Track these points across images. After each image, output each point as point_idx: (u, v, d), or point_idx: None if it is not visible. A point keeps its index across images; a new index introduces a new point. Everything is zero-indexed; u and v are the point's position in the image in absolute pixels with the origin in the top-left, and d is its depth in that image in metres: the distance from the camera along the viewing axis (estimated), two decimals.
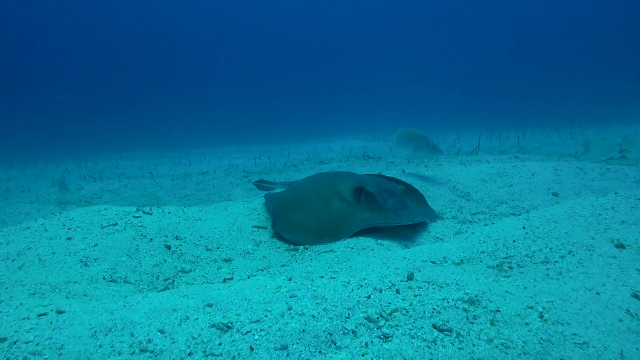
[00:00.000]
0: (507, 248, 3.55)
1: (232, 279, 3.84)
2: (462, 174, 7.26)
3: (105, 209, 4.81)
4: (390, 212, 4.75)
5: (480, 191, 6.55)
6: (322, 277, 3.64)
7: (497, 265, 3.24)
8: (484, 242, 3.76)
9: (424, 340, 2.14)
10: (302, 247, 4.58)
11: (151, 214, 4.79)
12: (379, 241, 4.53)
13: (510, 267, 3.17)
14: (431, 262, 3.38)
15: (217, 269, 4.04)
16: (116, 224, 4.43)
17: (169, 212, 4.92)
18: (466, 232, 4.75)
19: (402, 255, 3.72)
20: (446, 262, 3.41)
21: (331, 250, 4.30)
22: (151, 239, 4.25)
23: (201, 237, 4.53)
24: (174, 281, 3.75)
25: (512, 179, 6.85)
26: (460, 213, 5.80)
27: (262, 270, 4.04)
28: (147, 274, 3.78)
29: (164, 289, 3.55)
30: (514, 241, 3.64)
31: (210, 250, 4.34)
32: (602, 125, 18.62)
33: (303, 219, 4.94)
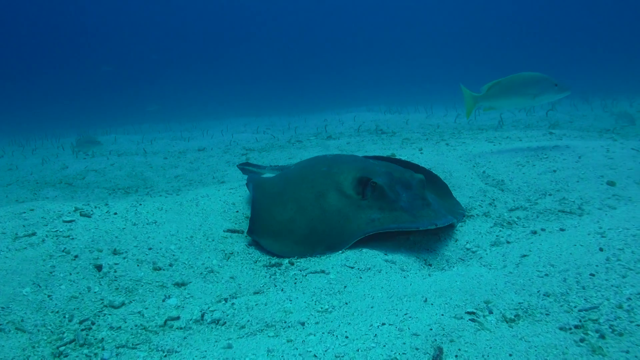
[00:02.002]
0: (583, 288, 2.26)
1: (178, 318, 2.64)
2: (492, 155, 5.90)
3: (32, 210, 3.61)
4: (404, 212, 3.48)
5: (517, 178, 5.21)
6: (304, 324, 2.41)
7: (576, 327, 1.96)
8: (546, 274, 2.46)
9: None
10: (287, 260, 3.35)
11: (89, 217, 3.58)
12: (389, 256, 3.26)
13: (602, 336, 1.88)
14: (468, 315, 2.11)
15: (163, 300, 2.83)
16: (34, 233, 3.22)
17: (115, 213, 3.70)
18: (507, 242, 3.46)
19: (423, 293, 2.45)
20: (491, 313, 2.13)
21: (323, 271, 3.06)
22: (76, 256, 3.05)
23: (150, 249, 3.31)
24: (93, 324, 2.55)
25: (555, 162, 5.48)
26: (493, 208, 4.50)
27: (226, 300, 2.83)
28: (57, 313, 2.59)
29: (71, 342, 2.36)
30: (592, 275, 2.34)
31: (159, 269, 3.12)
32: (632, 96, 16.90)
33: (290, 219, 3.69)
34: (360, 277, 2.94)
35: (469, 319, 2.02)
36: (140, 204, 3.97)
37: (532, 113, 13.36)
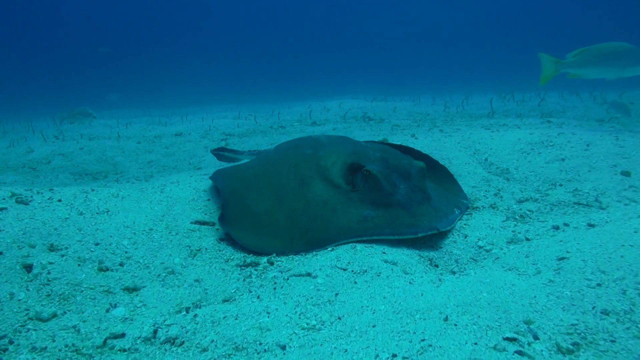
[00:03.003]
0: None
1: (123, 336, 2.02)
2: (492, 142, 5.35)
3: None
4: (402, 209, 2.91)
5: (523, 167, 4.67)
6: (285, 347, 1.83)
7: None
8: (598, 284, 1.90)
9: None
10: (265, 259, 2.75)
11: (27, 204, 2.92)
12: (389, 255, 2.68)
13: None
14: (509, 343, 1.54)
15: (107, 311, 2.21)
16: None
17: (59, 200, 3.04)
18: (526, 239, 2.90)
19: (441, 307, 1.87)
20: (537, 339, 1.56)
21: (309, 274, 2.47)
22: (0, 254, 2.40)
23: (97, 244, 2.67)
24: (11, 342, 1.92)
25: (563, 150, 4.96)
26: (500, 200, 3.95)
27: (187, 311, 2.23)
28: None
29: None
30: None
31: (107, 270, 2.49)
32: (617, 89, 16.59)
33: (267, 209, 3.08)
34: (355, 282, 2.35)
35: (515, 351, 1.44)
36: (93, 190, 3.32)
37: (522, 103, 12.91)
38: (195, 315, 2.17)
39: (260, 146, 7.91)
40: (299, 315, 2.09)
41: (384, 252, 2.70)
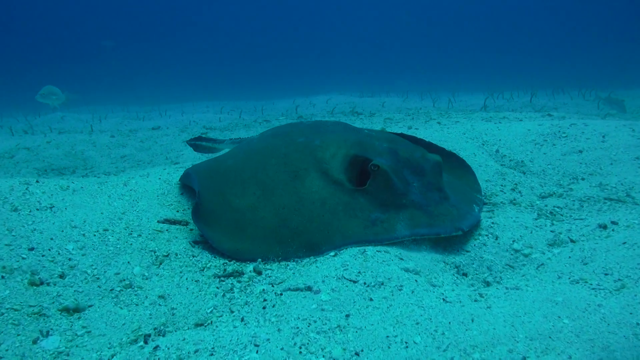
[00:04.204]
0: None
1: None
2: (500, 133, 4.82)
3: None
4: (417, 210, 2.35)
5: (539, 159, 4.15)
6: None
7: None
8: None
9: None
10: (251, 267, 2.15)
11: None
12: (408, 262, 2.10)
13: None
14: None
15: (34, 342, 1.59)
16: None
17: None
18: (571, 241, 2.35)
19: (506, 340, 1.30)
20: None
21: (308, 288, 1.87)
22: None
23: (32, 249, 2.03)
24: None
25: (578, 142, 4.45)
26: (519, 195, 3.42)
27: (146, 341, 1.62)
28: None
29: None
30: None
31: (41, 283, 1.86)
32: (605, 88, 16.36)
33: (251, 205, 2.48)
34: (371, 299, 1.76)
35: None
36: (38, 181, 2.66)
37: (512, 100, 12.51)
38: (156, 348, 1.56)
39: None
40: (300, 348, 1.49)
41: (401, 258, 2.12)
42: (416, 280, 1.89)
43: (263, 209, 2.46)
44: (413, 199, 2.40)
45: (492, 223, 2.63)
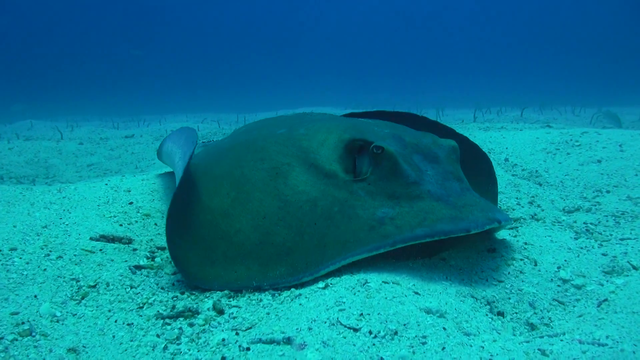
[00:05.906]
0: None
1: None
2: (506, 141, 4.30)
3: None
4: (435, 201, 1.77)
5: (554, 169, 3.62)
6: None
7: None
8: None
9: None
10: (209, 304, 1.54)
11: None
12: (426, 297, 1.51)
13: None
14: None
15: None
16: None
17: None
18: (633, 267, 1.79)
19: None
20: None
21: (287, 340, 1.25)
22: None
23: None
24: None
25: (594, 151, 3.94)
26: (539, 210, 2.87)
27: None
28: None
29: None
30: None
31: None
32: (592, 104, 16.19)
33: (225, 210, 1.88)
34: None
35: None
36: None
37: (502, 114, 12.16)
38: None
39: None
40: None
41: (416, 292, 1.52)
42: (444, 328, 1.30)
43: (238, 219, 1.85)
44: (429, 189, 1.81)
45: (525, 243, 2.06)
